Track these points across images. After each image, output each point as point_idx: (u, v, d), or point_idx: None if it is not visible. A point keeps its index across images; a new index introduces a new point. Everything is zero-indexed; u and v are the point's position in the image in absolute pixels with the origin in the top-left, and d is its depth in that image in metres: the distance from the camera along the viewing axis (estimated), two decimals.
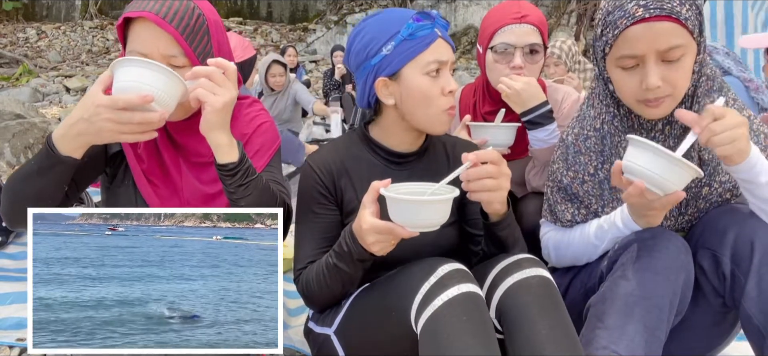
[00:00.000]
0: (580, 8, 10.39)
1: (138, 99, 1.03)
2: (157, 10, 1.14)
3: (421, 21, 1.23)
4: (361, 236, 1.12)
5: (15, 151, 4.15)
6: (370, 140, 1.36)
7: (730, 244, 1.21)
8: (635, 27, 1.18)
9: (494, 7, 1.77)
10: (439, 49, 1.25)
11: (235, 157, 1.14)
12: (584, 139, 1.40)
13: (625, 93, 1.27)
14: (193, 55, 1.18)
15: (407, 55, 1.23)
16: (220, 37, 1.26)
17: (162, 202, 1.28)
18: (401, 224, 1.07)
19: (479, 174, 1.11)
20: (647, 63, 1.19)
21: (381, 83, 1.27)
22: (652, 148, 1.09)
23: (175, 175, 1.30)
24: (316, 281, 1.25)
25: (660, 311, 1.15)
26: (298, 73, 7.35)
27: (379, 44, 1.25)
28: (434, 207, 1.06)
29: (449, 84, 1.27)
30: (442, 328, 1.04)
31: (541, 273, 1.15)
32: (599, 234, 1.35)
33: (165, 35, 1.15)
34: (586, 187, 1.40)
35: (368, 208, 1.11)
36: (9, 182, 1.17)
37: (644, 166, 1.10)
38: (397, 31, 1.23)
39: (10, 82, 9.53)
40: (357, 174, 1.33)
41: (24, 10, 13.75)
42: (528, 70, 1.68)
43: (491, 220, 1.23)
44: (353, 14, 12.67)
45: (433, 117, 1.27)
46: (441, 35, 1.25)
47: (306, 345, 1.48)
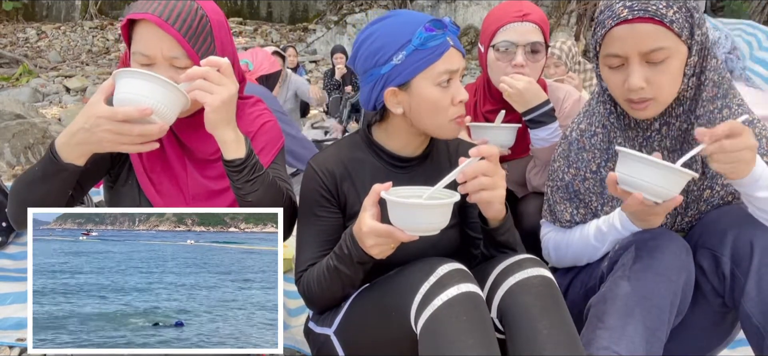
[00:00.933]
0: (580, 8, 10.39)
1: (137, 112, 1.04)
2: (159, 12, 1.15)
3: (433, 31, 1.20)
4: (360, 239, 1.12)
5: (15, 151, 4.15)
6: (373, 143, 1.35)
7: (730, 244, 1.21)
8: (620, 27, 1.19)
9: (496, 6, 1.77)
10: (450, 58, 1.22)
11: (242, 153, 1.15)
12: (590, 136, 1.41)
13: (613, 92, 1.28)
14: (196, 56, 1.18)
15: (418, 65, 1.21)
16: (223, 37, 1.27)
17: (166, 201, 1.28)
18: (401, 227, 1.06)
19: (475, 170, 1.10)
20: (631, 64, 1.20)
21: (390, 93, 1.24)
22: (645, 159, 1.10)
23: (180, 172, 1.30)
24: (316, 283, 1.25)
25: (661, 311, 1.16)
26: (298, 73, 7.35)
27: (390, 53, 1.21)
28: (433, 211, 1.05)
29: (460, 93, 1.25)
30: (441, 328, 1.04)
31: (542, 273, 1.15)
32: (598, 236, 1.35)
33: (168, 37, 1.16)
34: (587, 184, 1.40)
35: (369, 211, 1.11)
36: (15, 186, 1.19)
37: (639, 178, 1.11)
38: (408, 40, 1.20)
39: (10, 82, 9.53)
40: (359, 177, 1.32)
41: (24, 10, 13.75)
42: (529, 68, 1.68)
43: (491, 225, 1.23)
44: (353, 14, 12.68)
45: (442, 126, 1.26)
46: (452, 44, 1.23)
47: (306, 345, 1.48)
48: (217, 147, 1.28)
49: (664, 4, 1.17)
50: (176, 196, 1.30)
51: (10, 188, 1.24)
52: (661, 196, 1.11)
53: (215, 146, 1.27)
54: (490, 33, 1.71)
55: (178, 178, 1.30)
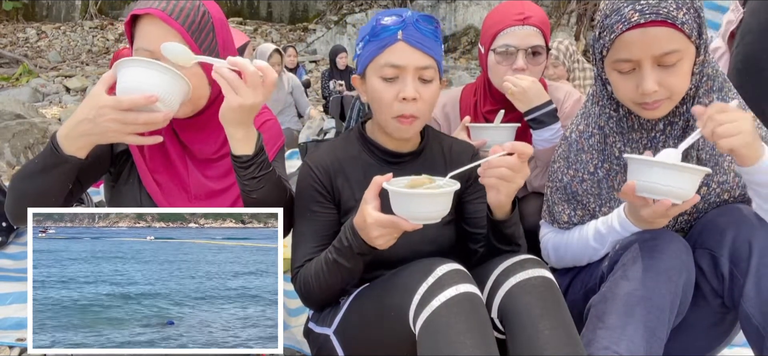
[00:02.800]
0: (580, 8, 10.39)
1: (143, 99, 1.04)
2: (163, 7, 1.16)
3: (384, 23, 1.22)
4: (365, 230, 1.12)
5: (15, 151, 4.15)
6: (366, 139, 1.37)
7: (729, 245, 1.21)
8: (631, 32, 1.18)
9: (496, 7, 1.76)
10: (395, 52, 1.23)
11: (250, 149, 1.16)
12: (588, 137, 1.40)
13: (623, 96, 1.27)
14: (199, 51, 1.19)
15: (369, 56, 1.26)
16: (225, 35, 1.28)
17: (170, 200, 1.28)
18: (404, 217, 1.07)
19: (500, 162, 1.11)
20: (643, 68, 1.19)
21: (356, 81, 1.33)
22: (668, 165, 1.10)
23: (182, 171, 1.30)
24: (315, 278, 1.25)
25: (661, 311, 1.15)
26: (298, 73, 7.34)
27: (358, 42, 1.30)
28: (436, 199, 1.07)
29: (405, 90, 1.23)
30: (440, 328, 1.04)
31: (543, 273, 1.16)
32: (597, 238, 1.35)
33: (172, 32, 1.16)
34: (585, 186, 1.40)
35: (371, 203, 1.11)
36: (13, 180, 1.18)
37: (662, 183, 1.10)
38: (368, 30, 1.26)
39: (10, 82, 9.53)
40: (353, 173, 1.34)
41: (24, 10, 13.74)
42: (530, 71, 1.68)
43: (497, 216, 1.22)
44: (353, 14, 12.67)
45: (384, 122, 1.28)
46: (403, 39, 1.22)
47: (306, 345, 1.48)
48: (218, 147, 1.28)
49: (674, 6, 1.16)
50: (180, 195, 1.30)
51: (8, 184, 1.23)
52: (681, 198, 1.11)
53: (216, 146, 1.26)
54: (491, 36, 1.71)
55: (181, 177, 1.31)
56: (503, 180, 1.13)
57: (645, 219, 1.21)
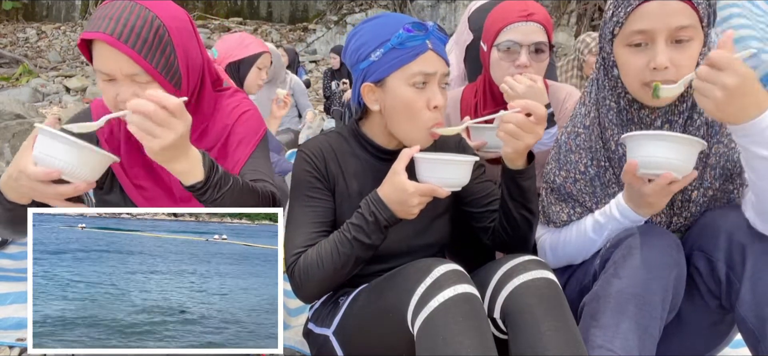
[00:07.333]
0: (580, 8, 10.39)
1: (43, 174, 1.04)
2: (111, 30, 1.11)
3: (412, 32, 1.22)
4: (404, 200, 1.16)
5: (15, 151, 4.15)
6: (361, 135, 1.37)
7: (724, 248, 1.22)
8: (649, 3, 1.19)
9: (499, 5, 1.75)
10: (426, 60, 1.24)
11: (199, 176, 1.09)
12: (575, 137, 1.41)
13: (631, 74, 1.26)
14: (154, 71, 1.15)
15: (394, 64, 1.23)
16: (185, 42, 1.22)
17: (152, 204, 1.27)
18: (435, 184, 1.15)
19: (511, 118, 1.19)
20: (657, 42, 1.19)
21: (367, 88, 1.29)
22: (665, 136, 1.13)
23: (164, 175, 1.29)
24: (321, 262, 1.22)
25: (652, 308, 1.16)
26: (298, 73, 7.35)
27: (369, 49, 1.25)
28: (463, 166, 1.18)
29: (435, 98, 1.25)
30: (438, 329, 1.04)
31: (546, 275, 1.16)
32: (596, 228, 1.35)
33: (122, 57, 1.12)
34: (578, 186, 1.40)
35: (402, 174, 1.16)
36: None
37: (664, 156, 1.13)
38: (387, 38, 1.23)
39: (10, 82, 9.53)
40: (346, 164, 1.35)
41: (24, 10, 13.75)
42: (533, 68, 1.67)
43: (514, 166, 1.27)
44: (353, 14, 12.68)
45: (415, 131, 1.27)
46: (432, 48, 1.24)
47: (306, 346, 1.49)
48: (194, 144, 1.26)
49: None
50: (164, 199, 1.29)
51: None
52: (681, 171, 1.13)
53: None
54: (494, 32, 1.70)
55: (163, 181, 1.29)
56: (512, 136, 1.19)
57: (646, 200, 1.21)
